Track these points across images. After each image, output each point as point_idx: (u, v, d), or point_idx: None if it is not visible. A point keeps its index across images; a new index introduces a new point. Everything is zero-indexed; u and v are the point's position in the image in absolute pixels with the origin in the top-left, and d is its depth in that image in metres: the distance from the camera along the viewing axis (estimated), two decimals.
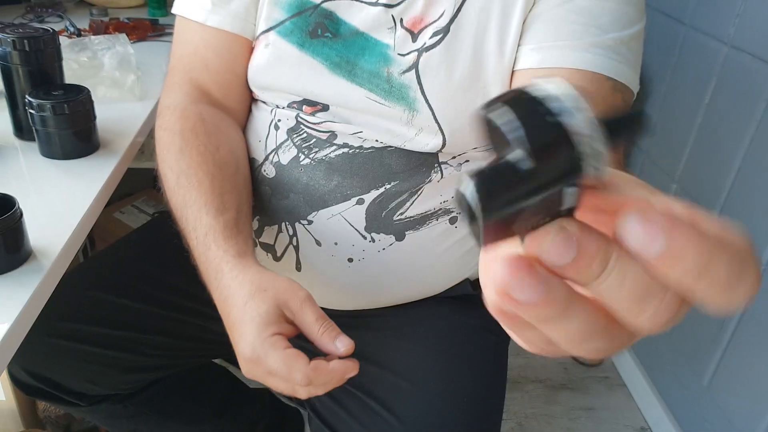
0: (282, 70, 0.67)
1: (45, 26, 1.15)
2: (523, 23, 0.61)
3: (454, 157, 0.67)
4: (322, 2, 0.64)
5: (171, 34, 1.22)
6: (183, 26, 0.72)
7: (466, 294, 0.75)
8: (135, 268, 0.83)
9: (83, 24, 1.21)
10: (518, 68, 0.62)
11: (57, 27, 1.19)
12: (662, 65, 1.47)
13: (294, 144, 0.69)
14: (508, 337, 0.81)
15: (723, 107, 1.25)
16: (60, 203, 0.66)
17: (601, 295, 0.20)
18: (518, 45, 0.62)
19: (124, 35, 1.05)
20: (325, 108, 0.67)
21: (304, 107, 0.68)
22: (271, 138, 0.70)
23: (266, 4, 0.67)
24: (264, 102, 0.71)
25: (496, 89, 0.62)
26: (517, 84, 0.60)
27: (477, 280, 0.77)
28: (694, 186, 1.34)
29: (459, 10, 0.61)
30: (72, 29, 1.15)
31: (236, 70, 0.71)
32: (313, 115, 0.68)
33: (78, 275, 0.81)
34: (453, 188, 0.67)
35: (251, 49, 0.70)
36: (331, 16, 0.64)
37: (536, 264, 0.20)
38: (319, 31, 0.65)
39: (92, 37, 1.02)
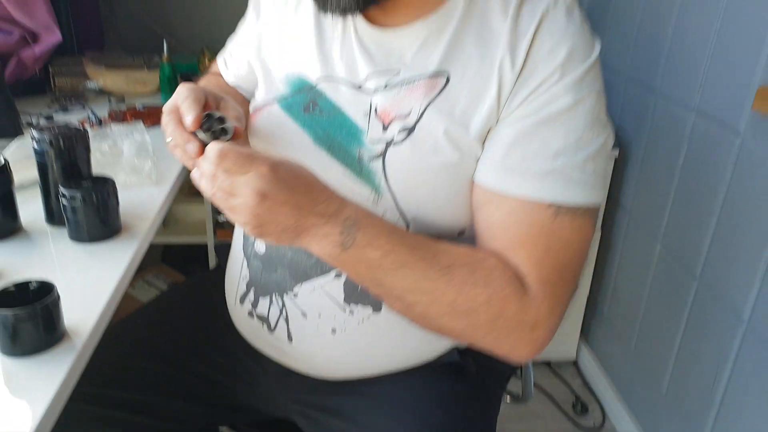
0: (277, 137, 0.76)
1: (72, 119, 1.26)
2: (489, 131, 0.66)
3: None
4: (317, 84, 0.73)
5: None
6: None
7: (454, 362, 0.79)
8: (152, 333, 0.89)
9: (103, 112, 1.32)
10: (476, 180, 0.67)
11: (80, 116, 1.29)
12: (638, 130, 1.58)
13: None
14: (497, 404, 0.85)
15: (695, 170, 1.34)
16: (88, 283, 0.73)
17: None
18: (482, 149, 0.66)
19: (140, 123, 1.15)
20: None
21: None
22: None
23: (276, 79, 0.78)
24: None
25: (458, 183, 0.68)
26: (476, 192, 0.67)
27: (465, 350, 0.81)
28: (677, 245, 1.41)
29: (424, 111, 0.67)
30: (94, 118, 1.25)
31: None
32: None
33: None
34: None
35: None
36: (321, 95, 0.73)
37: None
38: (311, 107, 0.74)
39: (113, 126, 1.11)
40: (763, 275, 1.12)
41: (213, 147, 0.58)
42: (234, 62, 0.92)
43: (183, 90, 0.67)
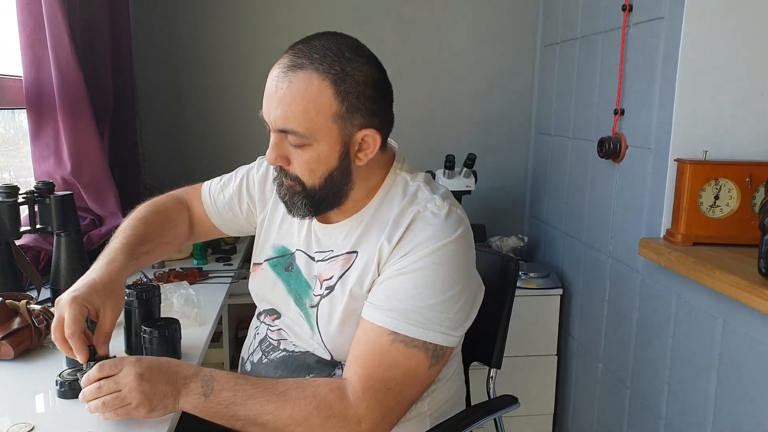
0: (267, 287, 1.08)
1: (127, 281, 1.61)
2: (373, 283, 0.93)
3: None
4: (294, 252, 1.06)
5: (213, 278, 1.70)
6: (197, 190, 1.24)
7: None
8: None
9: (150, 274, 1.69)
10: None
11: (133, 278, 1.65)
12: (575, 273, 1.96)
13: (261, 350, 1.08)
14: None
15: (616, 301, 1.70)
16: None
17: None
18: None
19: (185, 282, 1.51)
20: (278, 316, 1.07)
21: (269, 316, 1.09)
22: (252, 345, 1.11)
23: (267, 245, 1.11)
24: (257, 316, 1.14)
25: (357, 323, 0.93)
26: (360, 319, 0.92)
27: None
28: (613, 363, 1.72)
29: (340, 278, 0.97)
30: (145, 279, 1.62)
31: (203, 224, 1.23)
32: (273, 322, 1.07)
33: None
34: None
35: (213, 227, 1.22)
36: (295, 260, 1.05)
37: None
38: (289, 267, 1.05)
39: (165, 285, 1.47)
40: (669, 378, 1.43)
41: (91, 372, 0.85)
42: (221, 203, 1.20)
43: (68, 320, 0.88)
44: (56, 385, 0.97)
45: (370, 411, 0.86)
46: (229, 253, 1.95)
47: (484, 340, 1.27)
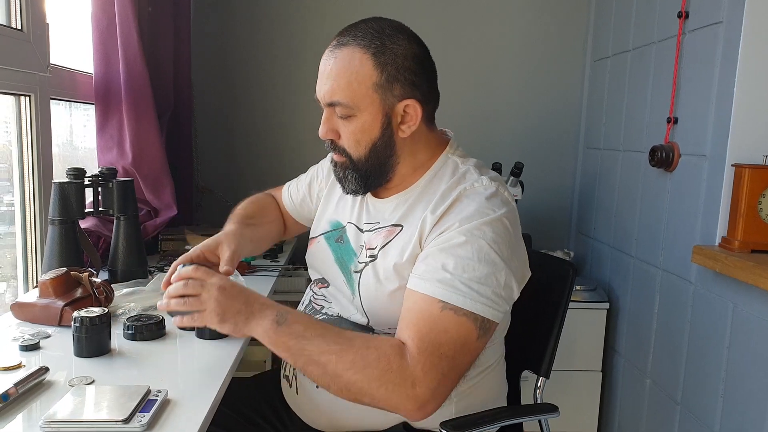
0: (319, 258, 1.15)
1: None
2: (416, 256, 0.96)
3: (383, 330, 1.02)
4: (345, 225, 1.12)
5: (260, 271, 1.73)
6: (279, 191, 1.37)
7: None
8: (240, 404, 1.18)
9: None
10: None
11: None
12: (623, 288, 1.92)
13: (305, 312, 1.14)
14: None
15: (666, 314, 1.65)
16: (213, 355, 1.06)
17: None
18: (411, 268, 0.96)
19: (235, 270, 1.54)
20: (327, 285, 1.12)
21: (319, 284, 1.15)
22: (299, 309, 1.17)
23: (323, 220, 1.18)
24: (309, 285, 1.19)
25: (398, 291, 0.97)
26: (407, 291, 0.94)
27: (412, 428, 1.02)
28: (661, 378, 1.66)
29: (382, 247, 1.02)
30: None
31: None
32: (320, 290, 1.13)
33: None
34: None
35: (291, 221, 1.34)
36: (345, 232, 1.11)
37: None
38: (339, 239, 1.11)
39: None
40: (723, 392, 1.37)
41: (185, 269, 0.94)
42: (297, 198, 1.33)
43: (182, 257, 1.03)
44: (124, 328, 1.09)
45: (425, 374, 0.87)
46: (277, 251, 1.98)
47: (535, 346, 1.24)
